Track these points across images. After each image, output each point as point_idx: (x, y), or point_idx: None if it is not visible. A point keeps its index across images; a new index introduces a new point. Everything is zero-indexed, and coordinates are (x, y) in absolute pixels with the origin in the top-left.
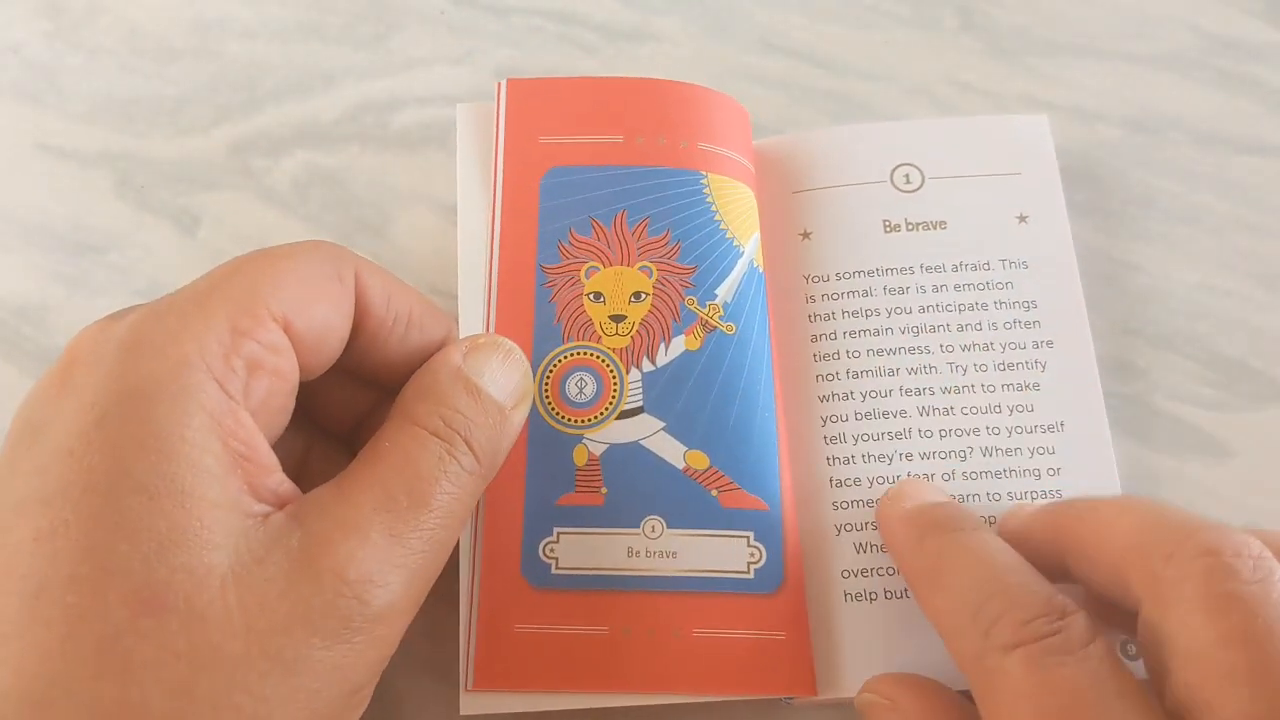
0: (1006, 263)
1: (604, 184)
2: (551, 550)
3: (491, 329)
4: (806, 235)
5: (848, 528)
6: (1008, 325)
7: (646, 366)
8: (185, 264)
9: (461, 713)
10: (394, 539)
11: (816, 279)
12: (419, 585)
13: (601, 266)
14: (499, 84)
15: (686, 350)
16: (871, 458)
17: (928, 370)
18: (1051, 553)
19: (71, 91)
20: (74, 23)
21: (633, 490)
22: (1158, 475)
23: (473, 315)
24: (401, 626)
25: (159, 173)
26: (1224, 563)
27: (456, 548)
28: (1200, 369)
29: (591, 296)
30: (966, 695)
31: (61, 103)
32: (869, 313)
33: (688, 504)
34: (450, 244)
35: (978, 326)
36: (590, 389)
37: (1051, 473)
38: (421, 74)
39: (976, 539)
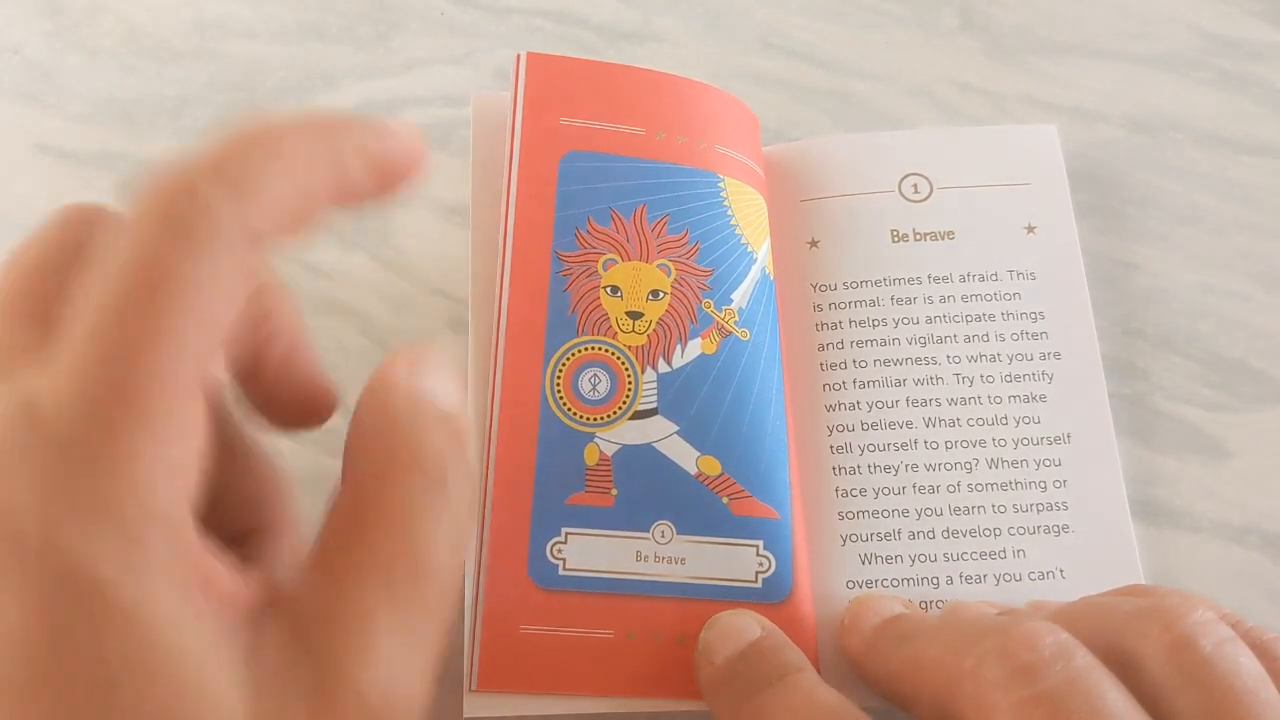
0: (1014, 274)
1: (624, 175)
2: (559, 551)
3: (504, 314)
4: (814, 244)
5: (853, 538)
6: (1015, 336)
7: (662, 367)
8: None
9: (465, 715)
10: (406, 636)
11: (824, 288)
12: (435, 667)
13: (620, 260)
14: (518, 55)
15: (703, 354)
16: (877, 468)
17: (934, 381)
18: (889, 693)
19: (72, 92)
20: (74, 23)
21: (643, 493)
22: (1158, 476)
23: (485, 301)
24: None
25: None
26: (1020, 664)
27: None
28: (1201, 369)
29: (608, 290)
30: None
31: (62, 103)
32: (876, 322)
33: (698, 510)
34: (451, 245)
35: (985, 337)
36: (604, 386)
37: (1058, 485)
38: (422, 74)
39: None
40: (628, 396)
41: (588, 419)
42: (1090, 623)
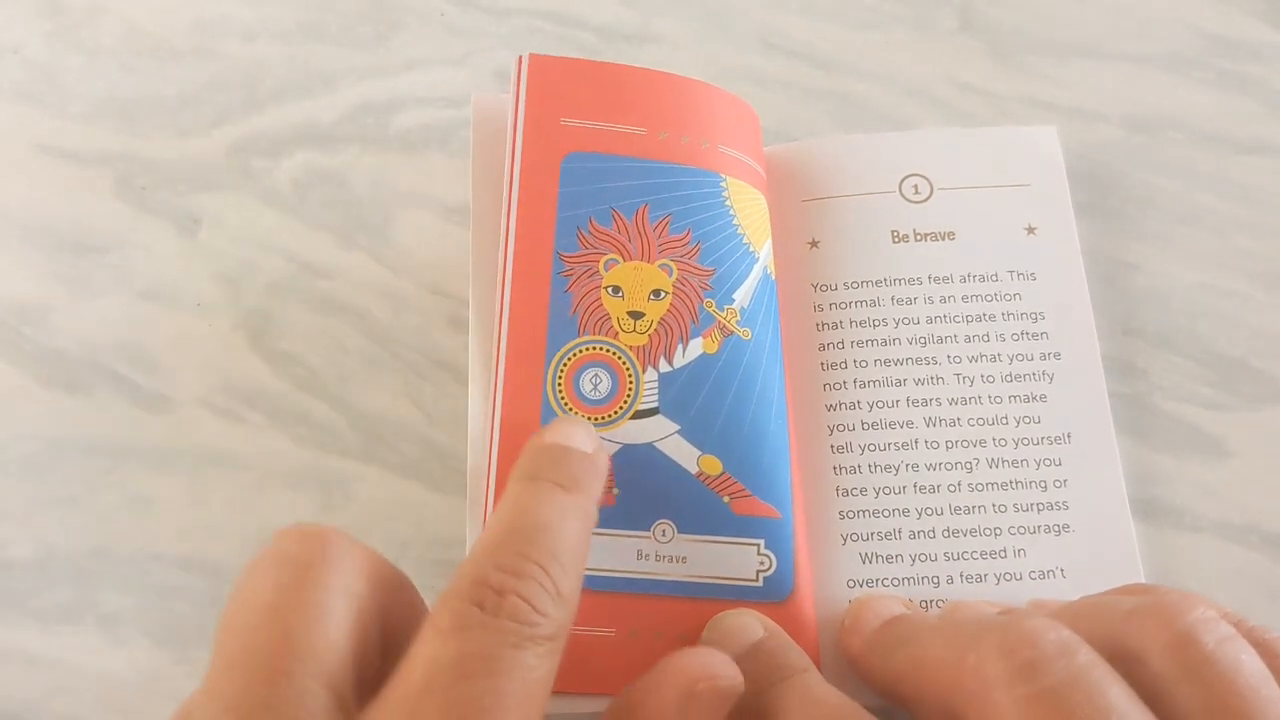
0: (1015, 274)
1: (626, 175)
2: None
3: (506, 315)
4: (815, 244)
5: (854, 537)
6: (1015, 337)
7: (663, 367)
8: (185, 265)
9: None
10: None
11: (824, 288)
12: None
13: (621, 260)
14: (519, 57)
15: (704, 353)
16: (878, 468)
17: (935, 381)
18: (890, 693)
19: (72, 92)
20: (74, 23)
21: (644, 492)
22: (1158, 475)
23: (486, 303)
24: None
25: (159, 173)
26: (1024, 660)
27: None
28: (1200, 369)
29: (610, 290)
30: None
31: (62, 103)
32: (876, 323)
33: (699, 509)
34: (451, 244)
35: (985, 338)
36: (605, 386)
37: (1058, 484)
38: (421, 75)
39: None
40: (629, 396)
41: (589, 419)
42: (1092, 620)
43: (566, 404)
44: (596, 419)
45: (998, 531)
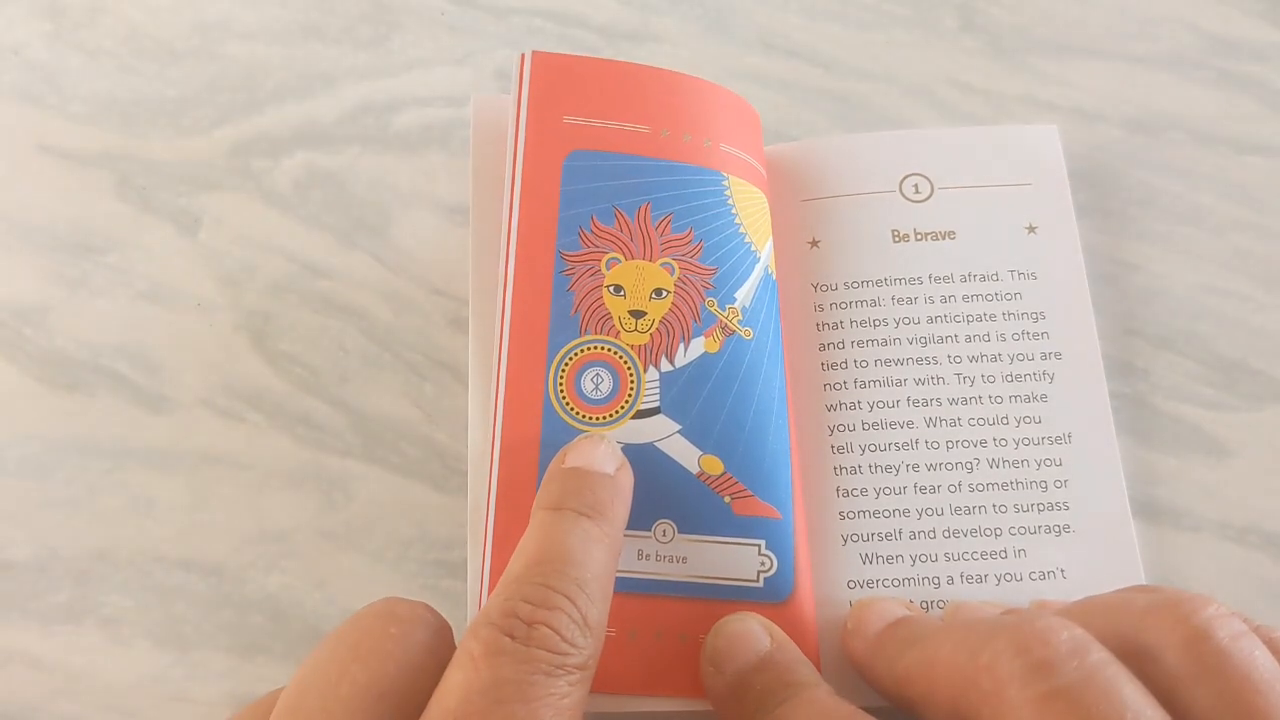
0: (1015, 273)
1: (628, 173)
2: None
3: (507, 315)
4: (815, 244)
5: (854, 537)
6: (1016, 336)
7: (665, 366)
8: (186, 265)
9: None
10: None
11: (825, 288)
12: None
13: (623, 258)
14: (522, 54)
15: (706, 352)
16: (879, 468)
17: (935, 381)
18: (896, 695)
19: (72, 92)
20: (74, 23)
21: (645, 492)
22: (1158, 475)
23: (486, 303)
24: None
25: (160, 174)
26: (1038, 659)
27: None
28: (1201, 369)
29: (611, 289)
30: None
31: (62, 104)
32: (877, 322)
33: (700, 509)
34: (451, 244)
35: (986, 337)
36: (607, 385)
37: (1059, 484)
38: (422, 75)
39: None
40: (630, 396)
41: (590, 418)
42: (1103, 619)
43: (568, 404)
44: (598, 419)
45: (998, 532)
